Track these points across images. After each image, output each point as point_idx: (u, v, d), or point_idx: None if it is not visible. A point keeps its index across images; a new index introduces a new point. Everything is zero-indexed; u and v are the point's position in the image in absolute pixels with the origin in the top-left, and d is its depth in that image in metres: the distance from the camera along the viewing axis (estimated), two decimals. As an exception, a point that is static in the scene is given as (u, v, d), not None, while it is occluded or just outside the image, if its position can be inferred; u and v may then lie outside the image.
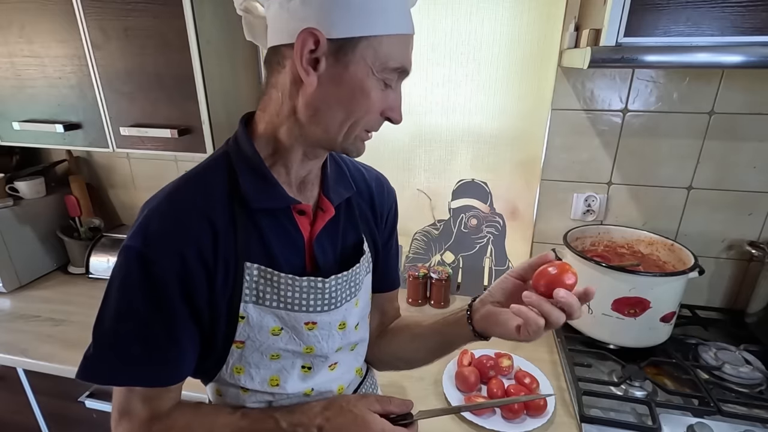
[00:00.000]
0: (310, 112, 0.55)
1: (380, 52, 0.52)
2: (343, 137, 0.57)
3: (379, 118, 0.58)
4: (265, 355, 0.62)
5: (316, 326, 0.63)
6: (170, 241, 0.53)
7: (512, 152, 1.33)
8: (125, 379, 0.57)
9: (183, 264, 0.53)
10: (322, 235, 0.64)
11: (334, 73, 0.53)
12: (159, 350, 0.55)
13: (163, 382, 0.58)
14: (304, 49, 0.51)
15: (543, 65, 1.21)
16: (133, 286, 0.53)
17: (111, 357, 0.55)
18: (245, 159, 0.59)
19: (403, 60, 0.55)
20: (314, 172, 0.65)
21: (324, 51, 0.51)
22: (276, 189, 0.59)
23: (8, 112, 1.22)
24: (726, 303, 1.32)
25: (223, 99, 1.15)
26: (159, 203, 0.56)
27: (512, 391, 0.97)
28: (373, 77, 0.53)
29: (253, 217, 0.58)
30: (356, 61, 0.52)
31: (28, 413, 1.25)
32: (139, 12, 1.03)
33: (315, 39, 0.51)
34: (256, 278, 0.58)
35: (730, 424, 0.89)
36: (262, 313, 0.60)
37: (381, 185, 0.76)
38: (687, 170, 1.21)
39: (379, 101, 0.56)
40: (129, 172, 1.64)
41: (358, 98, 0.54)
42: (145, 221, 0.54)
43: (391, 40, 0.53)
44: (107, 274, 1.46)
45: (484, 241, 1.39)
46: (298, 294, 0.60)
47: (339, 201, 0.66)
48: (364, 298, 0.70)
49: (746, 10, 0.74)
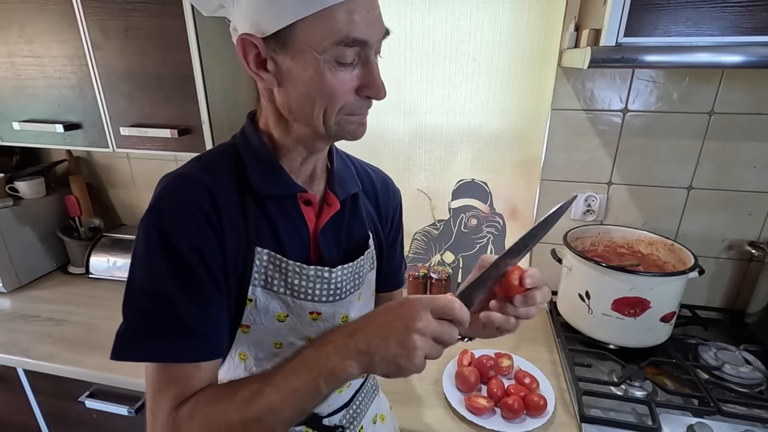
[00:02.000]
0: (287, 111, 0.56)
1: (316, 32, 0.49)
2: (324, 126, 0.55)
3: (358, 98, 0.54)
4: (268, 342, 0.63)
5: (320, 317, 0.64)
6: (183, 211, 0.54)
7: (512, 152, 1.33)
8: (157, 354, 0.54)
9: (197, 231, 0.54)
10: (327, 228, 0.65)
11: (284, 69, 0.53)
12: (187, 322, 0.54)
13: (195, 356, 0.55)
14: (247, 56, 0.52)
15: (543, 65, 1.21)
16: (155, 260, 0.53)
17: (141, 333, 0.54)
18: (253, 149, 0.60)
19: (350, 30, 0.49)
20: (320, 167, 0.66)
21: (265, 51, 0.52)
22: (283, 177, 0.60)
23: (8, 112, 1.22)
24: (726, 303, 1.32)
25: (223, 99, 1.15)
26: (171, 180, 0.57)
27: (512, 391, 0.97)
28: (320, 59, 0.50)
29: (262, 204, 0.59)
30: (299, 48, 0.50)
31: (28, 413, 1.25)
32: (139, 12, 1.03)
33: (251, 43, 0.51)
34: (266, 263, 0.59)
35: (730, 424, 0.89)
36: (269, 297, 0.60)
37: (387, 186, 0.77)
38: (687, 170, 1.21)
39: (341, 82, 0.52)
40: (129, 172, 1.64)
41: (315, 86, 0.51)
42: (159, 197, 0.55)
43: (327, 13, 0.48)
44: (107, 274, 1.47)
45: (484, 241, 1.39)
46: (305, 282, 0.61)
47: (344, 196, 0.67)
48: (366, 294, 0.71)
49: (746, 10, 0.74)
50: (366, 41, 0.51)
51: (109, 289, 1.41)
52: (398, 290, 0.84)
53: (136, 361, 0.54)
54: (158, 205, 0.54)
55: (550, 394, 0.98)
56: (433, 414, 0.95)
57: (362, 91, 0.54)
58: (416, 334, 0.48)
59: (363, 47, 0.51)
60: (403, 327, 0.48)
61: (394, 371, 0.49)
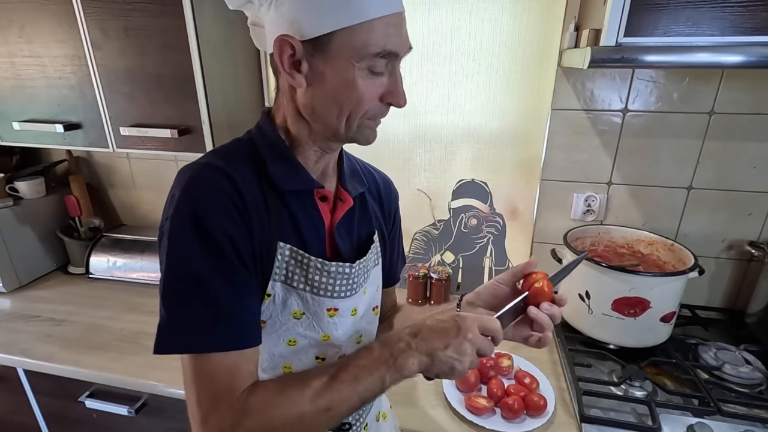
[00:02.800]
0: (308, 111, 0.58)
1: (356, 42, 0.52)
2: (345, 129, 0.58)
3: (380, 105, 0.58)
4: (283, 338, 0.63)
5: (337, 313, 0.65)
6: (213, 197, 0.54)
7: (512, 152, 1.33)
8: (201, 343, 0.54)
9: (229, 217, 0.54)
10: (342, 223, 0.66)
11: (317, 71, 0.55)
12: (225, 307, 0.54)
13: (240, 343, 0.55)
14: (282, 55, 0.54)
15: (543, 65, 1.21)
16: (189, 245, 0.53)
17: (183, 322, 0.54)
18: (271, 144, 0.61)
19: (386, 43, 0.54)
20: (331, 165, 0.68)
21: (302, 53, 0.53)
22: (302, 172, 0.62)
23: (8, 112, 1.22)
24: (726, 303, 1.32)
25: (223, 99, 1.15)
26: (196, 170, 0.56)
27: (512, 391, 0.97)
28: (355, 67, 0.53)
29: (283, 198, 0.60)
30: (335, 55, 0.53)
31: (28, 413, 1.25)
32: (139, 12, 1.03)
33: (289, 44, 0.53)
34: (288, 258, 0.60)
35: (730, 424, 0.89)
36: (288, 293, 0.61)
37: (388, 186, 0.79)
38: (687, 170, 1.21)
39: (370, 89, 0.56)
40: (129, 172, 1.64)
41: (346, 91, 0.55)
42: (187, 185, 0.55)
43: (367, 26, 0.52)
44: (107, 274, 1.46)
45: (484, 241, 1.39)
46: (325, 279, 0.62)
47: (355, 193, 0.68)
48: (370, 289, 0.72)
49: (746, 10, 0.74)
50: (397, 54, 0.56)
51: (109, 289, 1.41)
52: (392, 287, 0.87)
53: (180, 352, 0.54)
54: (188, 192, 0.54)
55: (550, 394, 0.98)
56: (433, 414, 0.95)
57: (386, 98, 0.58)
58: (468, 344, 0.56)
59: (393, 59, 0.56)
60: (461, 337, 0.57)
61: (446, 372, 0.57)
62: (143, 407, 1.10)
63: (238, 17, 1.25)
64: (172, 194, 0.56)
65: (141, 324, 1.25)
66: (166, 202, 0.57)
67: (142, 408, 1.10)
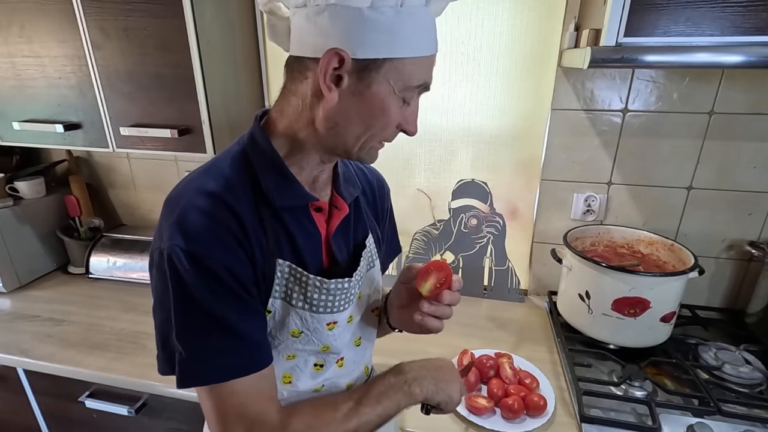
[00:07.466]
0: (329, 125, 0.56)
1: (403, 73, 0.54)
2: (359, 148, 0.59)
3: (395, 131, 0.59)
4: (282, 354, 0.64)
5: (336, 325, 0.65)
6: (210, 233, 0.53)
7: (512, 152, 1.33)
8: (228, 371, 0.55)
9: (227, 252, 0.54)
10: (338, 232, 0.66)
11: (355, 91, 0.54)
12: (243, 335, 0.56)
13: (263, 364, 0.58)
14: (328, 66, 0.52)
15: (543, 65, 1.21)
16: (193, 284, 0.52)
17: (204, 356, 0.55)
18: (265, 157, 0.59)
19: (426, 77, 0.56)
20: (327, 173, 0.66)
21: (347, 69, 0.52)
22: (296, 187, 0.60)
23: (8, 112, 1.22)
24: (726, 303, 1.32)
25: (223, 99, 1.15)
26: (190, 198, 0.55)
27: (512, 391, 0.97)
28: (395, 95, 0.55)
29: (278, 214, 0.59)
30: (379, 80, 0.53)
31: (28, 413, 1.25)
32: (139, 12, 1.02)
33: (340, 58, 0.51)
34: (287, 275, 0.60)
35: (730, 424, 0.89)
36: (286, 311, 0.61)
37: (381, 185, 0.79)
38: (687, 170, 1.21)
39: (397, 116, 0.57)
40: (129, 172, 1.64)
41: (378, 115, 0.55)
42: (180, 219, 0.53)
43: (415, 61, 0.54)
44: (107, 274, 1.46)
45: (484, 241, 1.39)
46: (324, 296, 0.62)
47: (351, 199, 0.68)
48: (365, 292, 0.72)
49: (746, 10, 0.74)
50: (429, 88, 0.59)
51: (109, 289, 1.41)
52: None
53: (205, 384, 0.55)
54: (183, 228, 0.53)
55: (550, 394, 0.98)
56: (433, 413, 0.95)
57: (402, 126, 0.59)
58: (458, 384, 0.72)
59: (423, 91, 0.59)
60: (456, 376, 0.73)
61: (446, 401, 0.70)
62: (143, 407, 1.10)
63: (238, 17, 1.25)
64: (162, 224, 0.54)
65: (141, 324, 1.25)
66: (156, 230, 0.56)
67: (142, 408, 1.10)
